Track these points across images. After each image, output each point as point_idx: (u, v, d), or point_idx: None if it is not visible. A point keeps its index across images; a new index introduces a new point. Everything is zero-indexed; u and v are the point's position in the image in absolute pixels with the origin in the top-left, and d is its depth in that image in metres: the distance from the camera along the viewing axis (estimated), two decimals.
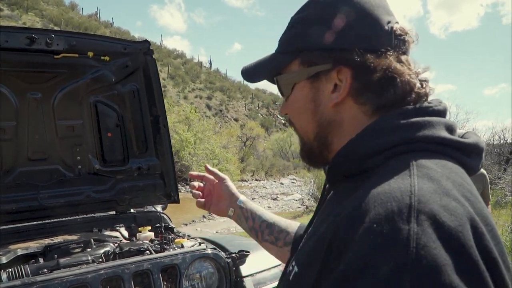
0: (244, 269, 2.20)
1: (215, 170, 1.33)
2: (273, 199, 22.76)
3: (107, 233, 2.70)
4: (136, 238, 2.59)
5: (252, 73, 0.86)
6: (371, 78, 0.70)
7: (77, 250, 2.34)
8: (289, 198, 23.01)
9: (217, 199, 1.30)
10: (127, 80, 2.73)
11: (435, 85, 0.76)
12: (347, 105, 0.75)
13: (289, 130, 62.02)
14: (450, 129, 0.67)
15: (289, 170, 44.33)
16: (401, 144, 0.65)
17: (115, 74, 2.68)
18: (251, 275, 2.19)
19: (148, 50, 2.64)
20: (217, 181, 1.31)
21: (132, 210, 3.24)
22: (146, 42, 2.64)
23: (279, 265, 2.38)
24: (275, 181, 36.65)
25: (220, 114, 71.42)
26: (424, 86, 0.73)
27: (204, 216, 15.50)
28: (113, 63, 2.63)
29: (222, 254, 2.17)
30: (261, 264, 2.30)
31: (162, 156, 2.98)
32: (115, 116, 2.83)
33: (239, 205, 1.26)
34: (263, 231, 1.23)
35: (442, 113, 0.70)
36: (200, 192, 1.31)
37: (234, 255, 2.20)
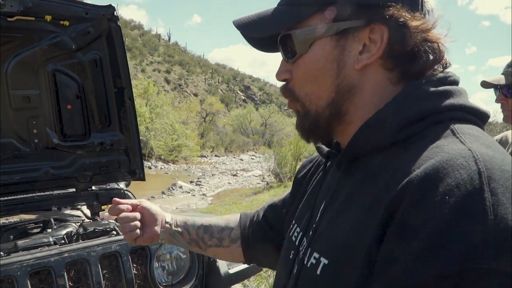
0: None
1: (125, 200, 1.09)
2: (233, 175, 22.82)
3: (68, 212, 2.54)
4: (99, 217, 2.45)
5: (259, 25, 0.73)
6: (408, 41, 0.65)
7: (35, 230, 2.19)
8: (249, 174, 23.13)
9: (143, 225, 1.08)
10: (88, 48, 2.52)
11: None
12: (373, 69, 0.68)
13: (249, 106, 61.96)
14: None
15: (248, 146, 44.50)
16: (437, 112, 0.63)
17: (76, 41, 2.46)
18: None
19: (113, 16, 2.44)
20: (138, 206, 1.09)
21: (93, 188, 3.07)
22: (110, 7, 2.43)
23: None
24: (234, 157, 36.69)
25: (179, 88, 70.15)
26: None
27: (163, 192, 15.33)
28: (73, 28, 2.42)
29: None
30: None
31: (127, 131, 2.82)
32: (76, 86, 2.62)
33: (169, 222, 1.10)
34: (203, 238, 1.10)
35: (458, 82, 0.70)
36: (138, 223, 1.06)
37: None
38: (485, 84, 1.82)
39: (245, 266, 2.17)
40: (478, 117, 0.65)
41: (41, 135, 2.65)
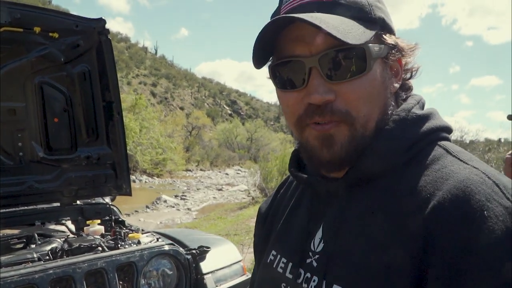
0: (205, 266, 2.10)
1: None
2: (219, 190, 22.65)
3: (52, 227, 2.49)
4: (84, 233, 2.40)
5: (345, 30, 0.61)
6: (406, 64, 0.72)
7: (18, 246, 2.13)
8: (234, 188, 23.00)
9: None
10: (77, 60, 2.51)
11: None
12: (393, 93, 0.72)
13: (235, 121, 61.99)
14: None
15: (234, 160, 44.38)
16: (428, 134, 0.68)
17: (65, 54, 2.44)
18: (211, 272, 2.10)
19: (103, 29, 2.43)
20: None
21: (78, 202, 3.02)
22: (101, 20, 2.43)
23: (240, 261, 2.31)
24: (220, 172, 36.51)
25: (165, 102, 69.96)
26: None
27: (147, 206, 15.11)
28: (63, 41, 2.40)
29: (182, 250, 2.06)
30: (221, 260, 2.21)
31: (114, 145, 2.79)
32: (63, 99, 2.60)
33: None
34: None
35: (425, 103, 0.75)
36: None
37: (194, 251, 2.09)
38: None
39: (234, 283, 2.15)
40: (448, 133, 0.71)
41: (26, 148, 2.60)
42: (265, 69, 0.71)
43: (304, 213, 0.78)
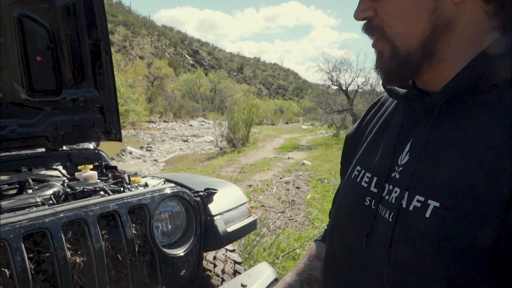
0: (213, 208, 2.06)
1: None
2: (184, 141, 22.48)
3: (43, 172, 2.35)
4: (80, 178, 2.28)
5: None
6: None
7: (11, 192, 2.00)
8: (200, 140, 22.89)
9: None
10: None
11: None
12: (471, 2, 0.63)
13: (198, 71, 60.59)
14: None
15: (198, 112, 43.88)
16: None
17: None
18: (220, 213, 2.07)
19: None
20: None
21: (64, 148, 2.86)
22: None
23: (245, 202, 2.29)
24: (184, 123, 36.07)
25: (124, 50, 67.18)
26: None
27: (112, 158, 14.80)
28: None
29: (190, 192, 2.00)
30: (228, 202, 2.18)
31: (102, 87, 2.62)
32: (46, 36, 2.37)
33: None
34: None
35: None
36: None
37: (202, 193, 2.04)
38: None
39: (242, 224, 2.14)
40: None
41: (7, 90, 2.39)
42: (228, 17, 0.68)
43: (395, 129, 0.76)
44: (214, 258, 2.31)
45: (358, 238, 0.74)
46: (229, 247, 2.39)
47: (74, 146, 3.17)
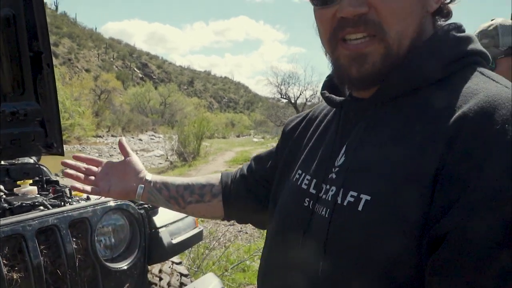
0: (158, 220, 2.08)
1: (127, 146, 1.15)
2: None
3: None
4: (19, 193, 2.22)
5: None
6: None
7: None
8: (150, 154, 22.45)
9: (118, 179, 1.10)
10: (0, 3, 2.23)
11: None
12: (431, 15, 0.73)
13: (148, 85, 59.66)
14: None
15: (147, 126, 43.07)
16: (465, 56, 0.69)
17: None
18: (165, 225, 2.09)
19: None
20: (127, 158, 1.12)
21: (3, 162, 2.76)
22: None
23: None
24: (133, 137, 35.24)
25: (69, 63, 64.94)
26: None
27: (56, 175, 14.19)
28: None
29: (134, 205, 2.01)
30: (174, 214, 2.20)
31: (43, 100, 2.56)
32: None
33: (149, 179, 1.11)
34: (183, 195, 1.11)
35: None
36: (92, 177, 1.10)
37: (146, 205, 2.05)
38: None
39: (188, 235, 2.16)
40: (487, 61, 0.72)
41: None
42: (177, 31, 0.71)
43: (332, 134, 0.82)
44: (160, 271, 2.31)
45: (296, 238, 0.78)
46: (176, 259, 2.40)
47: (13, 161, 3.05)
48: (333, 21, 0.70)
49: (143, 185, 1.09)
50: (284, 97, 24.72)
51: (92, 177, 1.10)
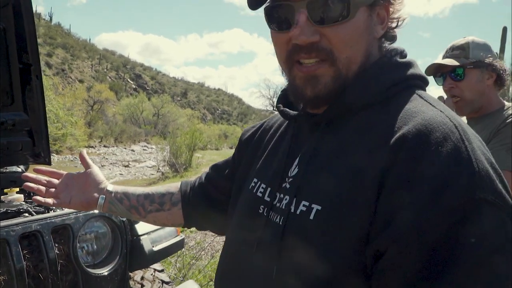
0: (140, 228, 2.14)
1: (88, 158, 1.20)
2: (125, 166, 21.92)
3: None
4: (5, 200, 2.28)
5: None
6: (394, 15, 0.80)
7: None
8: (141, 165, 22.42)
9: (79, 191, 1.14)
10: None
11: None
12: (378, 39, 0.80)
13: (141, 96, 59.68)
14: None
15: (140, 136, 43.00)
16: (405, 80, 0.77)
17: None
18: (147, 233, 2.15)
19: None
20: (88, 169, 1.17)
21: None
22: None
23: None
24: (125, 148, 35.18)
25: (63, 74, 64.80)
26: None
27: None
28: None
29: None
30: None
31: (32, 111, 2.63)
32: None
33: (109, 190, 1.14)
34: (143, 204, 1.15)
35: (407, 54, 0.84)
36: (53, 189, 1.14)
37: None
38: (431, 69, 1.79)
39: (169, 243, 2.22)
40: (425, 84, 0.81)
41: None
42: (171, 42, 0.77)
43: (286, 146, 0.88)
44: (142, 278, 2.37)
45: (250, 243, 0.82)
46: (158, 267, 2.46)
47: (1, 169, 3.10)
48: (288, 45, 0.76)
49: (104, 196, 1.13)
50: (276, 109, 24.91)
51: (53, 189, 1.14)
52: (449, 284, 0.58)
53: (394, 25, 0.82)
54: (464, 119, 1.87)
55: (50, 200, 1.11)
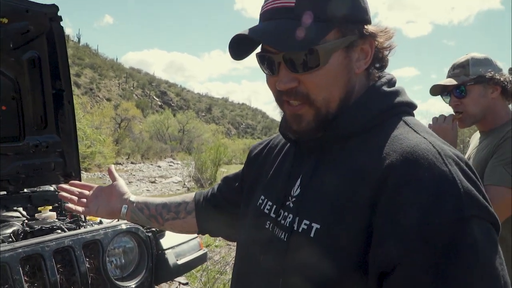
0: (164, 242, 2.25)
1: (115, 172, 1.34)
2: (152, 182, 22.24)
3: (4, 213, 2.48)
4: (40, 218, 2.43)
5: (285, 40, 0.77)
6: (381, 48, 0.86)
7: None
8: (168, 181, 22.71)
9: (106, 201, 1.29)
10: (27, 46, 2.50)
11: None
12: (363, 72, 0.87)
13: (166, 112, 60.77)
14: None
15: (166, 152, 43.59)
16: (392, 108, 0.84)
17: (14, 39, 2.43)
18: (171, 247, 2.25)
19: (55, 16, 2.45)
20: (114, 182, 1.31)
21: (25, 190, 2.99)
22: (53, 7, 2.44)
23: (196, 237, 2.49)
24: (152, 164, 35.72)
25: (91, 93, 66.67)
26: None
27: None
28: (12, 26, 2.39)
29: (142, 228, 2.19)
30: (179, 237, 2.37)
31: (64, 133, 2.81)
32: (11, 86, 2.58)
33: (132, 200, 1.27)
34: (161, 213, 1.27)
35: (396, 82, 0.90)
36: (84, 199, 1.29)
37: (153, 229, 2.23)
38: (436, 89, 1.85)
39: (192, 257, 2.32)
40: (413, 109, 0.88)
41: None
42: (195, 59, 0.85)
43: (288, 166, 0.97)
44: None
45: (258, 255, 0.90)
46: (182, 280, 2.56)
47: (35, 189, 3.29)
48: (276, 88, 0.85)
49: (126, 205, 1.26)
50: None
51: (84, 200, 1.29)
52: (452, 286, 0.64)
53: (385, 54, 0.88)
54: (477, 134, 1.92)
55: (80, 209, 1.26)
